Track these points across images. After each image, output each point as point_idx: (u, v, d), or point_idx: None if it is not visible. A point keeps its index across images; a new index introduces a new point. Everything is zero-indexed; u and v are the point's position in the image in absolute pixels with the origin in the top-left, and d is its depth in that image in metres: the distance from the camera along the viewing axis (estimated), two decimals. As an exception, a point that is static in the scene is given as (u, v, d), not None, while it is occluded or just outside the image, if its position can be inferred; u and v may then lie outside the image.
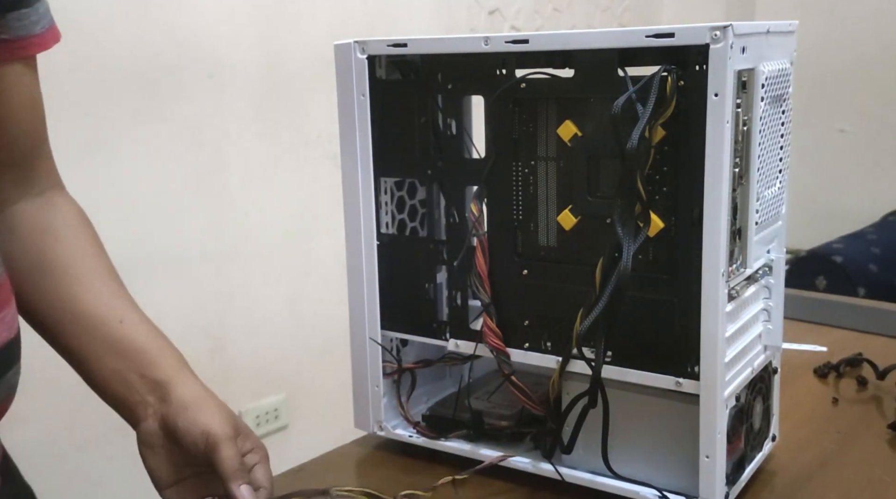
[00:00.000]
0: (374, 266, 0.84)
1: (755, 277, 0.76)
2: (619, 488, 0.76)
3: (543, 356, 0.77)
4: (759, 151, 0.71)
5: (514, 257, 0.77)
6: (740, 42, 0.66)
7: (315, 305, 1.92)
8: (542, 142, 0.75)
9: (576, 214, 0.74)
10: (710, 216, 0.67)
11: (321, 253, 1.92)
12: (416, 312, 0.84)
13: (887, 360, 1.04)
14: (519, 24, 2.35)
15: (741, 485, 0.77)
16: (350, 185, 0.84)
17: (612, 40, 0.69)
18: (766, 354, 0.79)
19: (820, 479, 0.82)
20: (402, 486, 0.81)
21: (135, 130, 1.61)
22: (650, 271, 0.71)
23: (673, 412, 0.74)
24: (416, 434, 0.86)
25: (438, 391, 0.92)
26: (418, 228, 0.87)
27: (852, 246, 2.53)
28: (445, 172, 0.80)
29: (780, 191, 0.77)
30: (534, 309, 0.77)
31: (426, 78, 0.79)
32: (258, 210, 1.82)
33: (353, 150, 0.83)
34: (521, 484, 0.80)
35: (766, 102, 0.71)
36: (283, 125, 1.86)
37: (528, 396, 0.77)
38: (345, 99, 0.83)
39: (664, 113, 0.66)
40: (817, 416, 0.96)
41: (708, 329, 0.68)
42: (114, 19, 1.54)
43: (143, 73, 1.60)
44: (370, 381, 0.87)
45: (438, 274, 0.83)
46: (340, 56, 0.82)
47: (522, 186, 0.76)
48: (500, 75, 0.75)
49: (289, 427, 1.91)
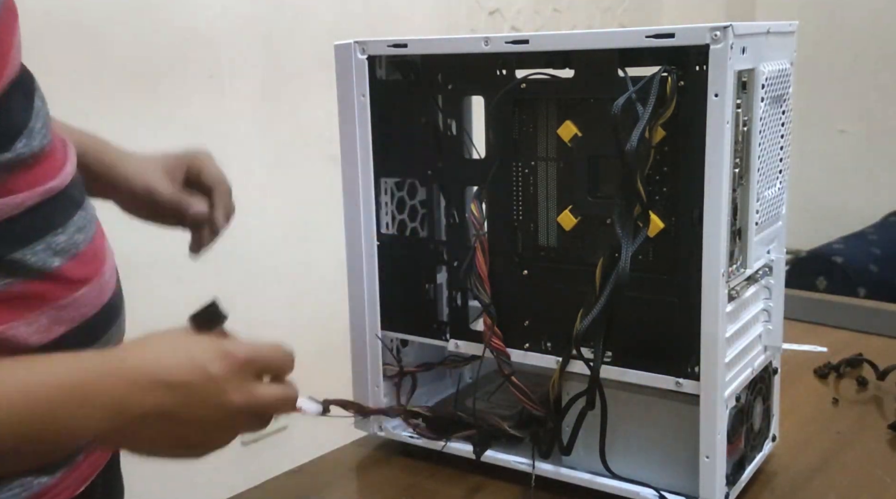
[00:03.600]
0: (374, 266, 0.84)
1: (755, 278, 0.76)
2: (619, 489, 0.76)
3: (543, 356, 0.77)
4: (759, 152, 0.71)
5: (515, 258, 0.77)
6: (740, 42, 0.66)
7: (315, 305, 1.92)
8: (543, 142, 0.75)
9: (576, 215, 0.74)
10: (710, 216, 0.67)
11: (321, 253, 1.91)
12: (417, 312, 0.84)
13: (887, 360, 1.04)
14: (519, 25, 2.35)
15: (741, 485, 0.77)
16: (350, 185, 0.84)
17: (612, 41, 0.69)
18: (766, 355, 0.79)
19: (820, 479, 0.82)
20: (402, 486, 0.82)
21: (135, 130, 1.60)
22: (650, 272, 0.71)
23: (673, 412, 0.73)
24: (416, 435, 0.86)
25: (438, 392, 0.92)
26: (418, 228, 0.87)
27: (852, 246, 2.52)
28: (445, 172, 0.80)
29: (780, 191, 0.77)
30: (534, 309, 0.77)
31: (426, 78, 0.79)
32: (258, 210, 1.82)
33: (353, 150, 0.83)
34: (520, 484, 0.80)
35: (766, 103, 0.71)
36: (283, 125, 1.85)
37: (528, 396, 0.77)
38: (345, 99, 0.83)
39: (664, 113, 0.66)
40: (817, 416, 0.96)
41: (708, 329, 0.68)
42: (114, 19, 1.54)
43: (143, 73, 1.60)
44: (370, 381, 0.87)
45: (438, 274, 0.83)
46: (340, 56, 0.82)
47: (522, 187, 0.76)
48: (501, 76, 0.75)
49: (289, 427, 1.91)
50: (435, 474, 0.83)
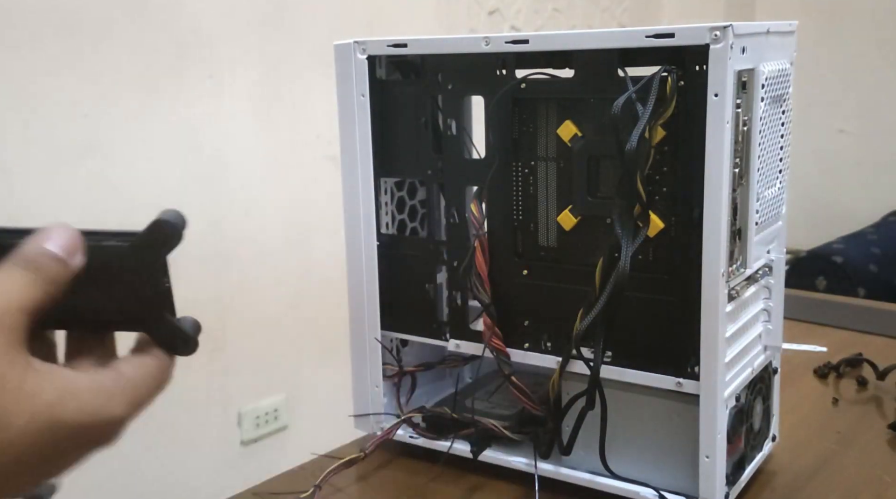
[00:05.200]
0: (374, 266, 0.84)
1: (755, 278, 0.76)
2: (619, 489, 0.76)
3: (543, 356, 0.77)
4: (759, 152, 0.71)
5: (515, 257, 0.77)
6: (740, 42, 0.66)
7: (315, 305, 1.92)
8: (542, 142, 0.75)
9: (576, 215, 0.74)
10: (710, 216, 0.67)
11: (321, 253, 1.91)
12: (416, 312, 0.84)
13: (887, 360, 1.04)
14: (519, 25, 2.35)
15: (741, 485, 0.77)
16: (350, 185, 0.84)
17: (612, 40, 0.69)
18: (766, 355, 0.79)
19: (820, 479, 0.82)
20: (402, 486, 0.82)
21: (135, 130, 1.61)
22: (650, 272, 0.71)
23: (673, 412, 0.74)
24: (416, 435, 0.86)
25: (438, 392, 0.92)
26: (418, 228, 0.87)
27: (852, 246, 2.52)
28: (445, 172, 0.80)
29: (780, 191, 0.77)
30: (534, 309, 0.77)
31: (426, 78, 0.79)
32: (258, 210, 1.82)
33: (353, 150, 0.83)
34: (520, 484, 0.80)
35: (766, 103, 0.71)
36: (283, 125, 1.86)
37: (528, 396, 0.77)
38: (345, 99, 0.83)
39: (664, 113, 0.66)
40: (817, 416, 0.96)
41: (708, 329, 0.68)
42: (114, 19, 1.54)
43: (143, 73, 1.60)
44: (370, 381, 0.87)
45: (438, 274, 0.83)
46: (340, 56, 0.82)
47: (522, 187, 0.76)
48: (501, 75, 0.75)
49: (289, 427, 1.91)
50: (434, 473, 0.83)
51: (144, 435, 1.62)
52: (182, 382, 1.29)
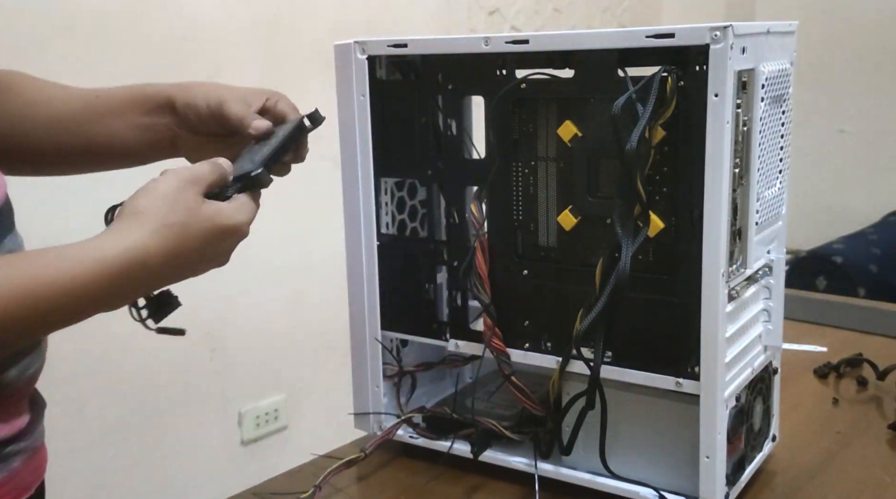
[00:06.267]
0: (374, 266, 0.84)
1: (755, 278, 0.76)
2: (619, 489, 0.76)
3: (543, 356, 0.77)
4: (759, 152, 0.71)
5: (515, 258, 0.77)
6: (740, 42, 0.66)
7: (315, 306, 1.92)
8: (543, 142, 0.75)
9: (576, 215, 0.74)
10: (710, 216, 0.67)
11: (321, 253, 1.91)
12: (417, 312, 0.84)
13: (887, 360, 1.04)
14: (519, 25, 2.35)
15: (741, 485, 0.77)
16: (350, 185, 0.84)
17: (612, 40, 0.69)
18: (766, 355, 0.79)
19: (820, 479, 0.82)
20: (402, 486, 0.82)
21: (135, 130, 1.60)
22: (650, 272, 0.71)
23: (673, 412, 0.74)
24: (417, 435, 0.86)
25: (438, 392, 0.92)
26: (418, 228, 0.87)
27: (852, 246, 2.52)
28: (445, 172, 0.80)
29: (780, 191, 0.77)
30: (534, 309, 0.77)
31: (426, 78, 0.79)
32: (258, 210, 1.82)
33: (353, 150, 0.83)
34: (520, 484, 0.80)
35: (766, 103, 0.71)
36: (283, 125, 1.85)
37: (528, 396, 0.77)
38: (345, 99, 0.83)
39: (664, 113, 0.66)
40: (817, 416, 0.96)
41: (708, 329, 0.68)
42: (114, 19, 1.54)
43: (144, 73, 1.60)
44: (370, 381, 0.87)
45: (438, 274, 0.83)
46: (340, 56, 0.82)
47: (522, 187, 0.76)
48: (501, 76, 0.75)
49: (289, 428, 1.91)
50: (434, 473, 0.83)
51: (145, 435, 1.62)
52: (182, 382, 1.30)
